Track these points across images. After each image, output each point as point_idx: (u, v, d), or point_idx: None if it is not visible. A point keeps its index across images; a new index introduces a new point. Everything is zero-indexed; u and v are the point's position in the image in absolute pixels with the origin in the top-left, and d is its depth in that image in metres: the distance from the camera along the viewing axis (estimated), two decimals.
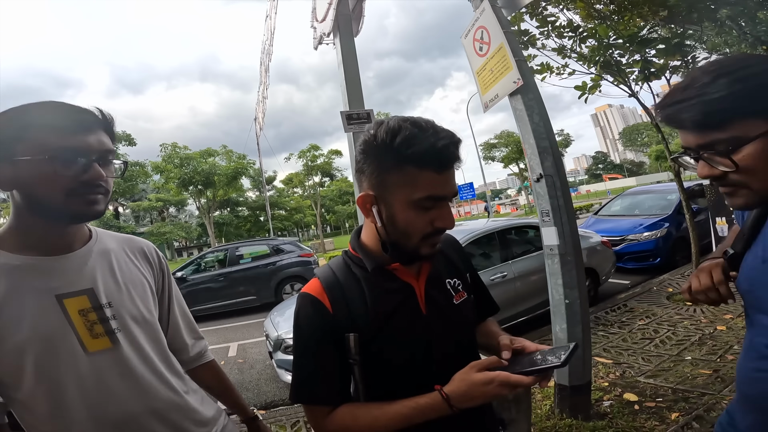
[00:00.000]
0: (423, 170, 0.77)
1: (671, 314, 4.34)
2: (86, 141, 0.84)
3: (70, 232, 0.93)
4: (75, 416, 0.86)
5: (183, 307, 1.19)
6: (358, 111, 2.97)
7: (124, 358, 0.92)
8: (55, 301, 0.86)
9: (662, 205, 7.29)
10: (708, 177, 0.73)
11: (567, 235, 2.42)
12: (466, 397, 0.77)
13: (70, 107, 0.85)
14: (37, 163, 0.80)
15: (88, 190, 0.85)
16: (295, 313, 0.89)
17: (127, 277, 1.00)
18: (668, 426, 2.43)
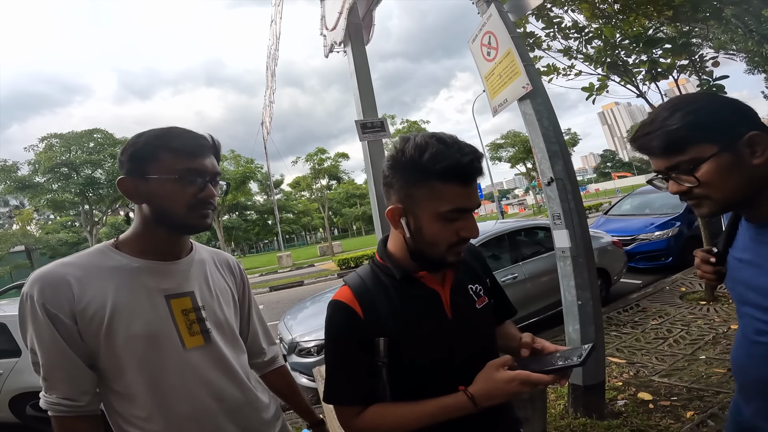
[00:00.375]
0: (448, 184, 0.81)
1: (684, 314, 4.32)
2: (203, 164, 0.99)
3: (180, 243, 1.07)
4: (171, 406, 0.96)
5: (260, 314, 1.31)
6: (372, 119, 3.02)
7: (214, 354, 1.04)
8: (164, 300, 0.99)
9: (673, 204, 7.21)
10: (677, 192, 0.88)
11: (578, 237, 2.44)
12: (489, 395, 0.82)
13: (191, 134, 1.00)
14: (166, 181, 0.95)
15: (203, 206, 0.99)
16: (327, 319, 0.94)
17: (217, 286, 1.12)
18: (683, 424, 2.44)
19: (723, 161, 0.80)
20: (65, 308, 0.89)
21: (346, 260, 15.88)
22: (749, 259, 0.92)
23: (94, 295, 0.92)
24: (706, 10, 3.81)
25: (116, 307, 0.93)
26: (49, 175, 23.16)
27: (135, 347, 0.93)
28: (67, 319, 0.90)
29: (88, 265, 0.95)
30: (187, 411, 0.97)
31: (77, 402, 0.93)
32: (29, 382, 3.50)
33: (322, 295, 5.28)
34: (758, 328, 0.89)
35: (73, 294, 0.90)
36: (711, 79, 3.66)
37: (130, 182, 0.97)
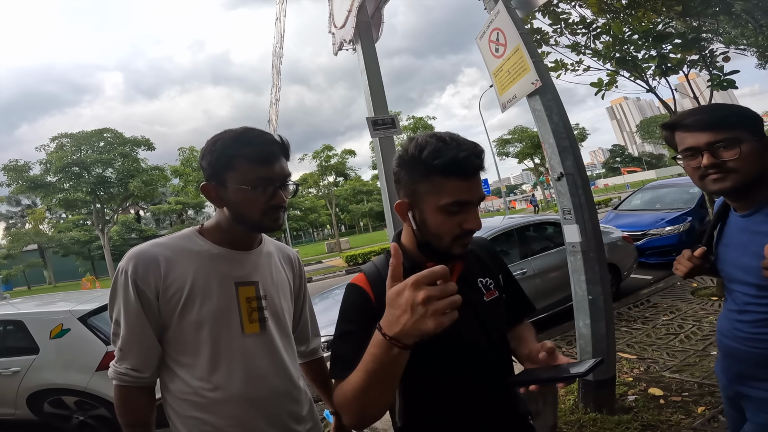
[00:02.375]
0: (448, 178, 0.86)
1: (696, 309, 4.30)
2: (274, 170, 1.05)
3: (253, 236, 1.17)
4: (225, 383, 1.05)
5: (311, 307, 1.41)
6: (383, 116, 3.06)
7: (268, 342, 1.12)
8: (233, 287, 1.08)
9: (684, 199, 7.14)
10: (710, 165, 1.04)
11: (589, 231, 2.45)
12: (392, 319, 0.71)
13: (264, 139, 1.05)
14: (242, 190, 1.03)
15: (274, 211, 1.07)
16: (343, 299, 0.99)
17: (278, 278, 1.21)
18: (694, 419, 2.44)
19: (756, 147, 1.02)
20: (152, 285, 1.00)
21: (353, 257, 15.94)
22: (735, 243, 1.13)
23: (177, 275, 1.03)
24: (716, 5, 3.76)
25: (193, 287, 1.03)
26: (61, 174, 23.48)
27: (202, 326, 1.03)
28: (152, 295, 1.01)
29: (177, 248, 1.06)
30: (235, 389, 1.05)
31: (142, 373, 1.04)
32: (47, 380, 3.53)
33: (330, 292, 5.32)
34: (745, 300, 1.11)
35: (161, 273, 1.01)
36: (722, 74, 3.62)
37: (212, 188, 1.06)
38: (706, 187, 1.09)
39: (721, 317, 1.24)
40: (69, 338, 3.52)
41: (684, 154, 1.10)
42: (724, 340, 1.21)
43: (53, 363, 3.53)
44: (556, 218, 5.47)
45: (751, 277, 1.06)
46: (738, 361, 1.16)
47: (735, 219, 1.15)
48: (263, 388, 1.09)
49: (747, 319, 1.10)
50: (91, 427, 3.69)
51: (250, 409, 1.07)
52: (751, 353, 1.10)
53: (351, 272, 13.94)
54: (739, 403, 1.20)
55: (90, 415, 3.67)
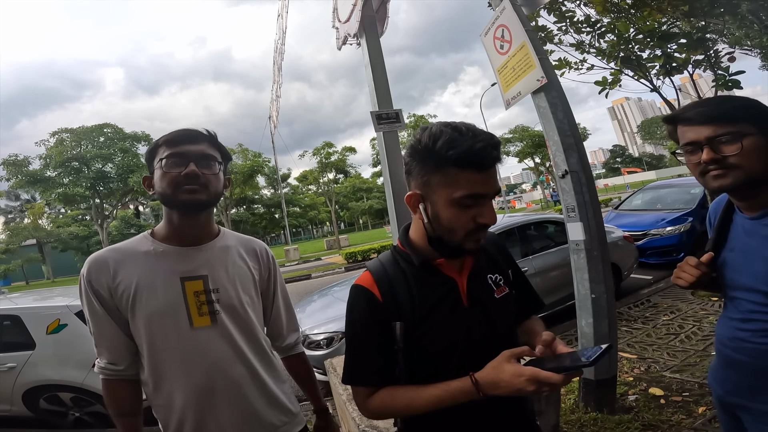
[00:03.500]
0: (463, 170, 0.82)
1: (696, 309, 4.29)
2: (187, 148, 1.12)
3: (198, 227, 1.19)
4: (170, 380, 1.11)
5: (287, 301, 1.41)
6: (387, 111, 3.03)
7: (219, 334, 1.15)
8: (178, 281, 1.13)
9: (685, 200, 7.13)
10: (710, 160, 0.98)
11: (593, 230, 2.43)
12: (494, 385, 0.80)
13: (182, 129, 1.15)
14: (158, 169, 1.12)
15: (188, 182, 1.10)
16: (348, 302, 0.97)
17: (236, 271, 1.23)
18: (695, 419, 2.43)
19: (760, 141, 0.95)
20: (104, 285, 1.09)
21: (353, 254, 15.91)
22: (742, 247, 1.06)
23: (125, 275, 1.10)
24: (722, 5, 3.74)
25: (139, 285, 1.09)
26: (60, 169, 23.43)
27: (151, 322, 1.09)
28: (106, 295, 1.09)
29: (126, 250, 1.14)
30: (183, 384, 1.11)
31: (118, 366, 1.12)
32: (43, 376, 3.49)
33: (330, 289, 5.31)
34: (749, 309, 1.03)
35: (111, 274, 1.09)
36: (727, 74, 3.61)
37: (147, 179, 1.16)
38: (707, 183, 1.02)
39: (722, 325, 1.15)
40: (66, 334, 3.49)
41: (685, 148, 1.04)
42: (724, 350, 1.13)
43: (49, 359, 3.50)
44: (557, 217, 5.48)
45: (761, 284, 0.99)
46: (740, 372, 1.09)
47: (741, 221, 1.07)
48: (218, 378, 1.13)
49: (751, 329, 1.03)
50: (87, 424, 3.67)
51: (207, 398, 1.12)
52: (754, 365, 1.03)
53: (350, 269, 13.93)
54: (735, 413, 1.15)
55: (86, 412, 3.65)
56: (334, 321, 3.91)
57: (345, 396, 1.97)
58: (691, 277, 1.09)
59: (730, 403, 1.14)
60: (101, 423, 3.62)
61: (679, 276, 1.13)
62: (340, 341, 3.69)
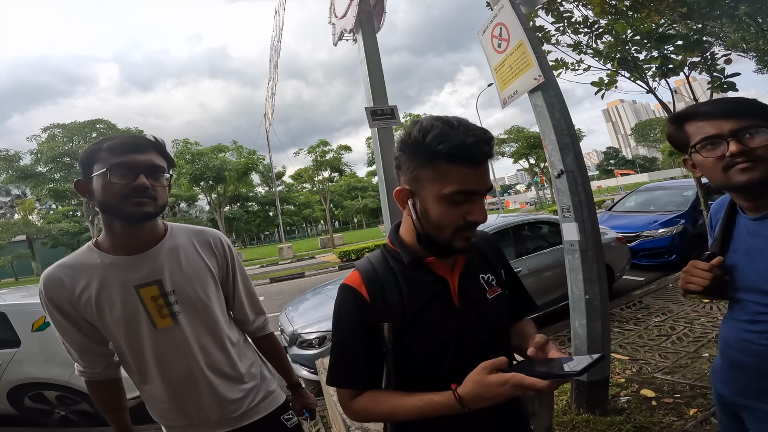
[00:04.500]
0: (454, 165, 0.80)
1: (687, 311, 4.31)
2: (135, 158, 1.09)
3: (143, 234, 1.17)
4: (150, 375, 1.19)
5: (248, 287, 1.42)
6: (382, 107, 3.01)
7: (182, 333, 1.19)
8: (134, 291, 1.14)
9: (678, 202, 7.18)
10: (738, 152, 0.94)
11: (588, 230, 2.42)
12: (479, 398, 0.78)
13: (128, 136, 1.12)
14: (101, 176, 1.07)
15: (136, 194, 1.07)
16: (336, 302, 0.94)
17: (191, 267, 1.23)
18: (686, 422, 2.43)
19: None
20: (64, 300, 1.11)
21: (347, 252, 15.90)
22: (746, 248, 1.04)
23: (83, 288, 1.11)
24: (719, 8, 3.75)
25: (98, 297, 1.11)
26: (52, 164, 23.21)
27: (119, 327, 1.13)
28: (69, 308, 1.11)
29: (76, 264, 1.14)
30: (162, 380, 1.18)
31: (93, 369, 1.20)
32: (28, 373, 3.44)
33: (323, 287, 5.27)
34: (756, 310, 1.01)
35: (66, 289, 1.11)
36: (722, 77, 3.62)
37: (81, 184, 1.12)
38: (732, 178, 0.97)
39: (727, 327, 1.14)
40: (51, 331, 3.38)
41: (702, 143, 0.99)
42: (730, 351, 1.12)
43: (35, 356, 3.44)
44: (551, 217, 5.49)
45: (766, 285, 0.98)
46: (746, 374, 1.07)
47: (744, 222, 1.06)
48: (190, 370, 1.19)
49: (759, 330, 1.02)
50: (72, 422, 3.62)
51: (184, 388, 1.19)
52: (761, 366, 1.02)
53: (344, 268, 13.90)
54: (736, 413, 1.14)
55: (71, 410, 3.59)
56: (326, 320, 3.88)
57: (335, 397, 1.94)
58: (704, 281, 1.05)
59: (734, 404, 1.13)
60: (86, 421, 3.57)
61: (689, 281, 1.08)
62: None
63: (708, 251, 1.12)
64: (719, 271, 1.05)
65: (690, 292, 1.11)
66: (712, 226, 1.22)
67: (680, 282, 1.12)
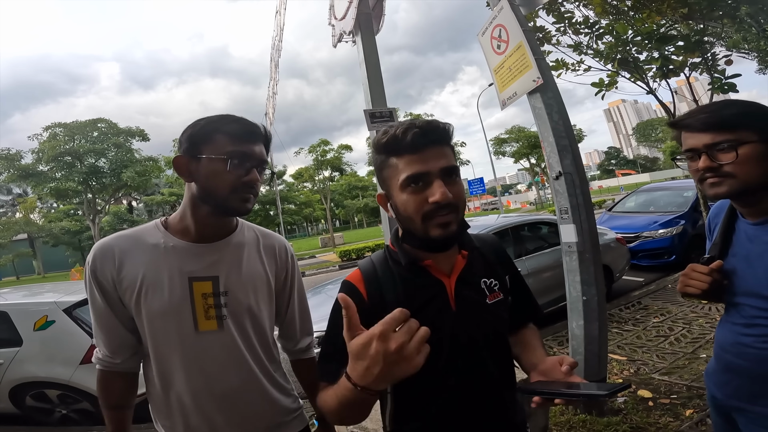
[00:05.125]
0: (400, 157, 0.86)
1: (686, 312, 4.32)
2: (252, 149, 1.02)
3: (221, 225, 1.10)
4: (175, 383, 1.04)
5: (303, 303, 1.31)
6: (380, 109, 3.03)
7: (225, 340, 1.07)
8: (187, 282, 1.04)
9: (678, 203, 7.18)
10: (706, 167, 0.98)
11: (586, 232, 2.43)
12: (359, 369, 0.68)
13: (245, 121, 1.03)
14: (215, 161, 0.98)
15: (245, 189, 1.01)
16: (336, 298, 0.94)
17: (250, 271, 1.13)
18: (683, 422, 2.44)
19: (759, 149, 0.94)
20: (108, 276, 1.01)
21: (347, 252, 15.92)
22: (744, 253, 1.05)
23: (130, 268, 1.01)
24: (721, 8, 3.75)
25: (144, 281, 1.01)
26: (53, 163, 23.23)
27: (153, 322, 1.02)
28: (109, 286, 1.01)
29: (135, 239, 1.05)
30: (188, 386, 1.04)
31: (113, 359, 1.06)
32: (30, 372, 3.45)
33: (323, 287, 5.29)
34: (753, 314, 1.02)
35: (116, 264, 1.01)
36: (723, 77, 3.62)
37: (184, 160, 1.01)
38: (705, 191, 1.02)
39: (723, 330, 1.14)
40: (53, 330, 3.44)
41: (686, 155, 1.04)
42: (724, 354, 1.12)
43: (36, 356, 3.45)
44: (551, 218, 5.49)
45: (764, 289, 0.99)
46: (740, 377, 1.08)
47: (744, 226, 1.07)
48: (217, 384, 1.06)
49: (754, 333, 1.02)
50: (73, 421, 3.63)
51: (206, 402, 1.06)
52: (756, 370, 1.03)
53: (344, 267, 13.92)
54: (730, 415, 1.14)
55: (73, 409, 3.60)
56: (326, 319, 3.88)
57: None
58: (703, 284, 1.06)
59: (728, 406, 1.13)
60: (88, 420, 3.58)
61: (688, 284, 1.09)
62: None
63: (707, 255, 1.13)
64: (718, 275, 1.06)
65: (688, 296, 1.11)
66: (710, 229, 1.23)
67: (679, 285, 1.13)
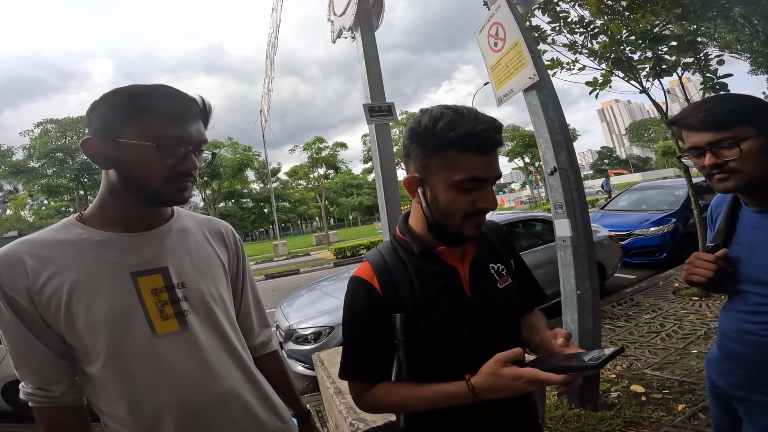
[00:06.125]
0: (464, 153, 0.81)
1: (677, 308, 4.38)
2: (188, 131, 0.85)
3: (153, 212, 0.93)
4: (142, 400, 0.85)
5: (256, 292, 1.17)
6: (379, 103, 3.03)
7: (191, 341, 0.90)
8: (129, 279, 0.86)
9: (670, 201, 7.26)
10: (712, 165, 1.01)
11: (580, 226, 2.46)
12: (492, 390, 0.78)
13: (181, 96, 0.86)
14: (143, 148, 0.81)
15: (182, 178, 0.86)
16: (346, 294, 0.94)
17: (202, 258, 0.98)
18: (675, 417, 2.48)
19: (760, 143, 0.97)
20: (21, 290, 0.80)
21: (342, 249, 15.89)
22: (748, 240, 1.06)
23: (51, 275, 0.82)
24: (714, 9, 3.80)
25: (75, 286, 0.82)
26: (44, 160, 22.99)
27: (98, 332, 0.83)
28: (26, 303, 0.81)
29: (47, 242, 0.85)
30: (158, 405, 0.86)
31: (50, 392, 0.85)
32: None
33: (318, 284, 5.31)
34: (757, 301, 1.03)
35: (28, 274, 0.81)
36: (715, 77, 3.67)
37: (97, 144, 0.83)
38: (714, 186, 1.04)
39: (727, 318, 1.14)
40: None
41: (690, 152, 1.07)
42: (727, 342, 1.12)
43: None
44: (545, 215, 5.54)
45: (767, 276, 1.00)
46: (743, 365, 1.08)
47: (748, 214, 1.08)
48: (197, 396, 0.89)
49: (759, 321, 1.03)
50: None
51: (184, 421, 0.88)
52: (758, 357, 1.03)
53: (339, 265, 13.90)
54: (730, 405, 1.14)
55: None
56: (321, 315, 3.91)
57: (332, 389, 1.96)
58: (708, 272, 1.06)
59: (728, 395, 1.14)
60: None
61: (693, 272, 1.09)
62: (327, 336, 3.69)
63: (710, 243, 1.15)
64: (723, 262, 1.06)
65: (693, 284, 1.12)
66: (713, 219, 1.24)
67: (684, 274, 1.14)
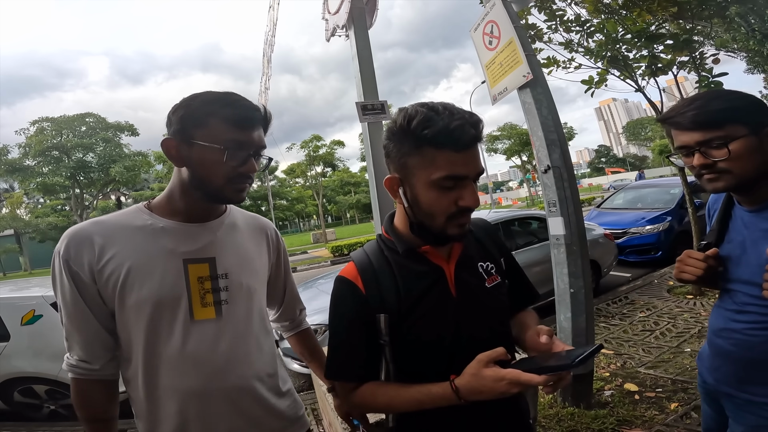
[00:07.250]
0: (440, 150, 0.78)
1: (671, 307, 4.40)
2: (251, 136, 0.94)
3: (212, 208, 1.03)
4: (165, 384, 0.93)
5: (293, 281, 1.30)
6: (372, 102, 3.03)
7: (223, 330, 0.98)
8: (181, 264, 0.95)
9: (665, 199, 7.28)
10: (701, 165, 0.99)
11: (573, 225, 2.46)
12: (475, 391, 0.77)
13: (246, 104, 0.95)
14: (211, 150, 0.90)
15: (242, 180, 0.95)
16: (331, 295, 0.94)
17: (246, 252, 1.07)
18: (668, 415, 2.48)
19: (750, 143, 0.94)
20: (85, 267, 0.89)
21: (339, 247, 15.92)
22: (740, 239, 1.05)
23: (114, 255, 0.90)
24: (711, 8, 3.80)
25: (132, 267, 0.91)
26: (40, 158, 22.91)
27: (143, 311, 0.91)
28: (87, 279, 0.89)
29: (116, 224, 0.94)
30: (180, 385, 0.94)
31: (92, 365, 0.93)
32: (18, 368, 3.41)
33: (315, 281, 5.30)
34: (745, 301, 1.03)
35: (95, 252, 0.90)
36: (710, 76, 3.67)
37: (174, 144, 0.93)
38: (703, 186, 1.03)
39: (716, 316, 1.15)
40: (40, 325, 3.40)
41: (680, 151, 1.05)
42: (716, 339, 1.13)
43: (24, 350, 3.40)
44: (541, 213, 5.55)
45: (757, 277, 0.98)
46: (729, 363, 1.09)
47: (741, 213, 1.07)
48: (217, 382, 0.96)
49: (744, 320, 1.03)
50: (62, 417, 3.59)
51: (204, 405, 0.95)
52: (743, 355, 1.04)
53: (336, 263, 13.91)
54: (718, 403, 1.16)
55: (61, 405, 3.57)
56: (318, 313, 3.90)
57: (325, 387, 1.96)
58: (699, 270, 1.06)
59: (717, 392, 1.14)
60: (76, 416, 3.55)
61: (683, 270, 1.10)
62: (323, 333, 3.68)
63: (704, 241, 1.14)
64: (713, 261, 1.06)
65: (684, 281, 1.12)
66: (710, 215, 1.23)
67: (674, 271, 1.14)
